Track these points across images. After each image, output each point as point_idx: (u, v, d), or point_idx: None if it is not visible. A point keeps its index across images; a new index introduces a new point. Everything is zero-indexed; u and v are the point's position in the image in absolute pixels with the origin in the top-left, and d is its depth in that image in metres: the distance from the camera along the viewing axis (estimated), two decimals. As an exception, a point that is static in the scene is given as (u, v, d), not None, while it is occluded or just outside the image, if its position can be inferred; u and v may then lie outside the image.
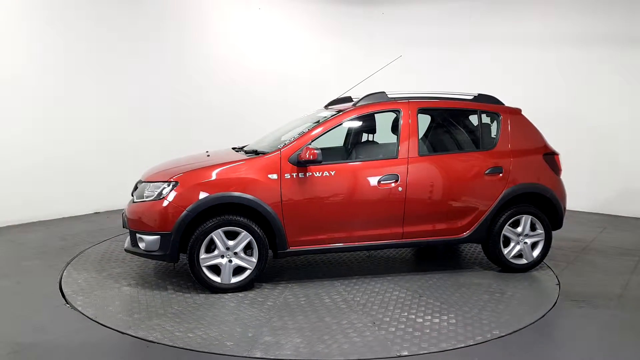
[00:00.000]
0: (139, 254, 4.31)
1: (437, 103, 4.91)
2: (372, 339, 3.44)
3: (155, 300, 4.04)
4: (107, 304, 3.95)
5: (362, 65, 6.86)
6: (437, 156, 4.74)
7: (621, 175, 7.67)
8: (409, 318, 3.81)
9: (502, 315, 3.86)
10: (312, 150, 4.19)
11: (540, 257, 4.90)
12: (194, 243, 4.09)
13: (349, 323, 3.69)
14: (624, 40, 7.50)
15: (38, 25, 6.37)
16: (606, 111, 7.72)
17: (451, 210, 4.66)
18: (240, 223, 4.15)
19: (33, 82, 6.39)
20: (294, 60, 9.40)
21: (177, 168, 4.42)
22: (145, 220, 4.17)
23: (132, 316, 3.73)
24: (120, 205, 7.22)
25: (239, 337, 3.43)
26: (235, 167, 4.30)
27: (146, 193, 4.26)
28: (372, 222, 4.49)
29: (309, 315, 3.81)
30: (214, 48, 8.40)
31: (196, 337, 3.41)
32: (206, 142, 7.62)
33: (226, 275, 4.18)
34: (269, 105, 8.75)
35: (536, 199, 4.90)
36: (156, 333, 3.46)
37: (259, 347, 3.31)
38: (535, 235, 4.86)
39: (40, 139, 6.47)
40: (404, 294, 4.30)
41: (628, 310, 4.04)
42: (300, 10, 9.45)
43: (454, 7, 8.88)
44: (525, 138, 4.95)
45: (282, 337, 3.45)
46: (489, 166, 4.73)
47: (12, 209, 6.27)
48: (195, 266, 4.12)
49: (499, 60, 8.54)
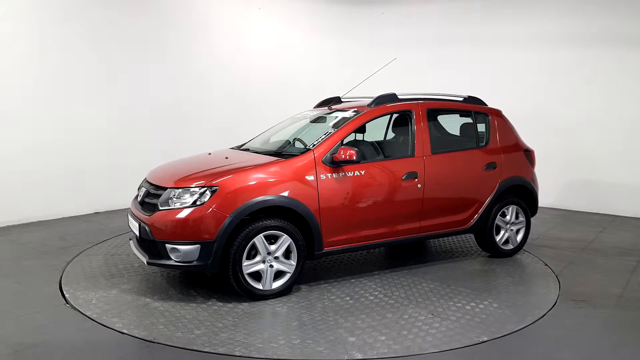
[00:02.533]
0: (169, 265, 3.96)
1: (440, 104, 5.21)
2: (445, 329, 3.61)
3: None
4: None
5: (362, 65, 6.86)
6: (446, 154, 5.01)
7: (621, 175, 7.67)
8: (457, 306, 4.03)
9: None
10: (350, 150, 4.23)
11: (523, 242, 5.48)
12: (238, 250, 3.91)
13: (411, 317, 3.81)
14: (624, 40, 7.51)
15: (38, 24, 6.37)
16: (606, 111, 7.72)
17: (459, 204, 5.04)
18: (281, 227, 4.05)
19: (33, 82, 6.39)
20: (294, 60, 9.41)
21: (206, 172, 4.15)
22: (181, 229, 3.86)
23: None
24: (121, 205, 7.27)
25: (324, 342, 3.39)
26: (272, 170, 4.15)
27: (176, 199, 3.96)
28: (396, 218, 4.67)
29: (370, 314, 3.86)
30: (214, 48, 8.40)
31: (280, 347, 3.31)
32: (206, 142, 7.63)
33: (268, 281, 4.06)
34: (268, 104, 8.76)
35: (519, 191, 5.41)
36: (228, 346, 3.30)
37: (352, 348, 3.31)
38: (519, 222, 5.41)
39: (41, 138, 6.47)
40: (432, 285, 4.51)
41: (628, 310, 4.04)
42: (300, 10, 9.46)
43: (454, 7, 8.88)
44: (509, 136, 5.47)
45: (365, 337, 3.47)
46: (486, 162, 5.17)
47: (12, 209, 6.27)
48: (238, 274, 3.94)
49: (498, 60, 8.54)
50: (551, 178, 8.21)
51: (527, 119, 8.34)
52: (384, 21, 9.58)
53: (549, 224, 7.05)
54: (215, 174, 4.08)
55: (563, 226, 6.95)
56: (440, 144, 5.09)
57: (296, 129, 5.24)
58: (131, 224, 4.37)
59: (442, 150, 5.00)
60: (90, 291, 4.19)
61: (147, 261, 4.01)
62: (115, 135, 7.20)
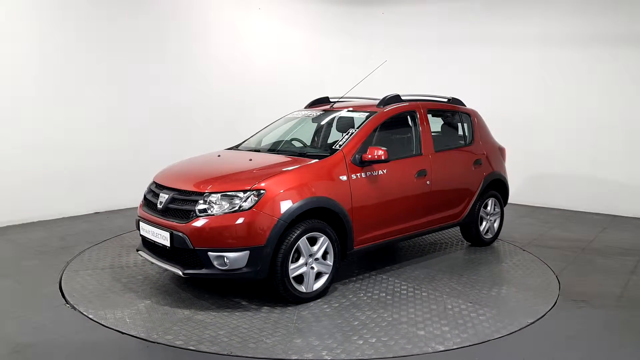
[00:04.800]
0: (210, 275, 3.77)
1: (435, 105, 5.53)
2: (497, 313, 3.88)
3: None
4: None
5: (362, 65, 6.87)
6: (445, 152, 5.30)
7: (621, 175, 7.67)
8: (483, 293, 4.34)
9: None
10: (380, 150, 4.30)
11: (499, 230, 5.99)
12: (285, 253, 3.83)
13: (455, 307, 4.01)
14: (624, 40, 7.51)
15: (39, 24, 6.37)
16: (606, 111, 7.73)
17: (456, 198, 5.37)
18: (320, 228, 4.03)
19: (33, 82, 6.39)
20: (294, 61, 9.41)
21: (244, 175, 4.05)
22: (228, 236, 3.70)
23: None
24: (120, 205, 7.28)
25: (398, 337, 3.47)
26: (310, 171, 4.13)
27: (217, 205, 3.77)
28: (410, 214, 4.88)
29: (416, 307, 4.01)
30: (214, 48, 8.40)
31: (360, 347, 3.32)
32: (206, 142, 7.63)
33: (310, 283, 4.03)
34: (268, 104, 8.75)
35: (497, 184, 5.88)
36: (311, 353, 3.23)
37: (428, 341, 3.42)
38: (496, 213, 5.91)
39: (41, 138, 6.47)
40: (447, 276, 4.77)
41: (628, 310, 4.04)
42: (300, 10, 9.46)
43: (454, 7, 8.87)
44: (487, 134, 5.93)
45: (431, 329, 3.60)
46: (474, 159, 5.59)
47: (12, 209, 6.27)
48: (284, 278, 3.84)
49: (498, 60, 8.54)
50: (551, 178, 8.23)
51: (527, 119, 8.37)
52: (384, 21, 9.58)
53: (549, 224, 7.05)
54: (257, 176, 3.95)
55: (563, 226, 6.95)
56: (439, 143, 5.26)
57: (306, 128, 5.36)
58: (150, 234, 4.10)
59: (442, 149, 5.25)
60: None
61: (184, 272, 3.79)
62: (115, 135, 7.20)
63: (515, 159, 8.49)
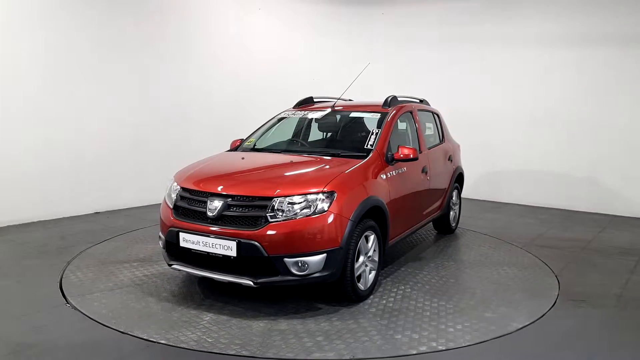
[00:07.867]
0: (285, 282, 3.64)
1: (421, 106, 5.87)
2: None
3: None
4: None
5: (361, 65, 6.85)
6: (432, 149, 5.65)
7: (621, 175, 7.68)
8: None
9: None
10: (409, 148, 4.50)
11: (459, 218, 6.60)
12: (354, 253, 3.82)
13: (500, 296, 4.26)
14: (624, 40, 7.52)
15: (39, 25, 6.37)
16: (606, 111, 7.73)
17: (439, 192, 5.76)
18: (373, 226, 4.08)
19: (33, 82, 6.38)
20: (294, 60, 9.41)
21: (307, 176, 4.05)
22: (306, 240, 3.60)
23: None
24: (121, 205, 7.28)
25: (476, 320, 3.72)
26: (360, 171, 4.15)
27: (287, 209, 3.63)
28: (418, 209, 5.20)
29: (461, 294, 4.28)
30: (214, 48, 8.41)
31: (450, 334, 3.51)
32: (206, 142, 7.65)
33: (367, 281, 4.09)
34: (268, 104, 8.74)
35: (459, 178, 6.41)
36: (403, 347, 3.31)
37: (501, 321, 3.72)
38: (457, 203, 6.50)
39: (41, 138, 6.46)
40: (466, 269, 5.03)
41: (628, 310, 4.04)
42: (300, 10, 9.46)
43: (454, 7, 8.88)
44: (448, 132, 6.40)
45: (500, 310, 3.90)
46: (448, 155, 6.08)
47: (12, 209, 6.27)
48: (353, 278, 3.87)
49: (498, 60, 8.55)
50: (551, 178, 8.23)
51: (527, 119, 8.37)
52: (384, 21, 9.59)
53: (549, 224, 7.05)
54: (323, 178, 3.88)
55: (563, 226, 6.95)
56: (427, 141, 5.64)
57: (322, 129, 5.41)
58: (201, 245, 3.75)
59: (431, 147, 5.64)
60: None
61: (256, 282, 3.60)
62: (115, 136, 7.20)
63: (515, 159, 8.53)
